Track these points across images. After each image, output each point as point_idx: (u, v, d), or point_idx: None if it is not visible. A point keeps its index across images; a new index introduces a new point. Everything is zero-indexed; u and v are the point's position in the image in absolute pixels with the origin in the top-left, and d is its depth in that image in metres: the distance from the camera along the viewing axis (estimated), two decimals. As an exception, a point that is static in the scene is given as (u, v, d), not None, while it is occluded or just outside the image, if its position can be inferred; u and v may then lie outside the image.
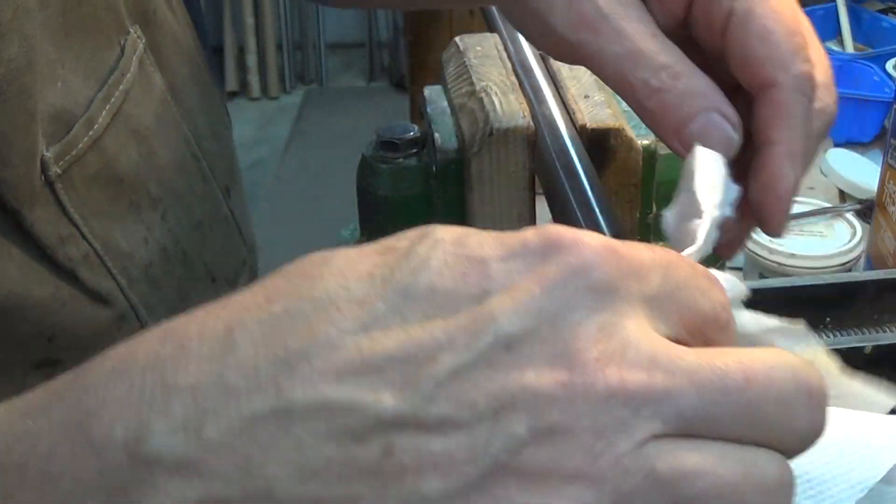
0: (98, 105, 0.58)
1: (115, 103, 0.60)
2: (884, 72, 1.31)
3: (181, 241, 0.66)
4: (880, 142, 1.28)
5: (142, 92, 0.63)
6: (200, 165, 0.69)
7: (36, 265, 0.56)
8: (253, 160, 3.60)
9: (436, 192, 0.61)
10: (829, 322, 0.77)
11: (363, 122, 3.75)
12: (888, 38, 1.46)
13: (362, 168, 0.62)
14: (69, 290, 0.58)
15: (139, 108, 0.62)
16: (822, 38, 1.49)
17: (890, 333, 0.75)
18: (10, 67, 0.51)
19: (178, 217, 0.66)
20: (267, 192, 3.42)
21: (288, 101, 4.05)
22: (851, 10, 1.53)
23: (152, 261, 0.63)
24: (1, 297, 0.55)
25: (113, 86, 0.60)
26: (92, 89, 0.58)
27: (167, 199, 0.64)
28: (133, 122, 0.61)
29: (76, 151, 0.57)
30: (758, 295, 0.74)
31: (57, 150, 0.56)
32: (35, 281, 0.56)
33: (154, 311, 0.64)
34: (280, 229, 3.24)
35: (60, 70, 0.56)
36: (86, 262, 0.59)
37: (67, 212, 0.57)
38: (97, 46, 0.59)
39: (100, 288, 0.60)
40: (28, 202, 0.55)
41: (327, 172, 3.47)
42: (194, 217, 0.68)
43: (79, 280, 0.58)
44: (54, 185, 0.56)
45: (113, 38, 0.60)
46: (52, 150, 0.55)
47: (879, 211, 0.97)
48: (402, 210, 0.62)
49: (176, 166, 0.66)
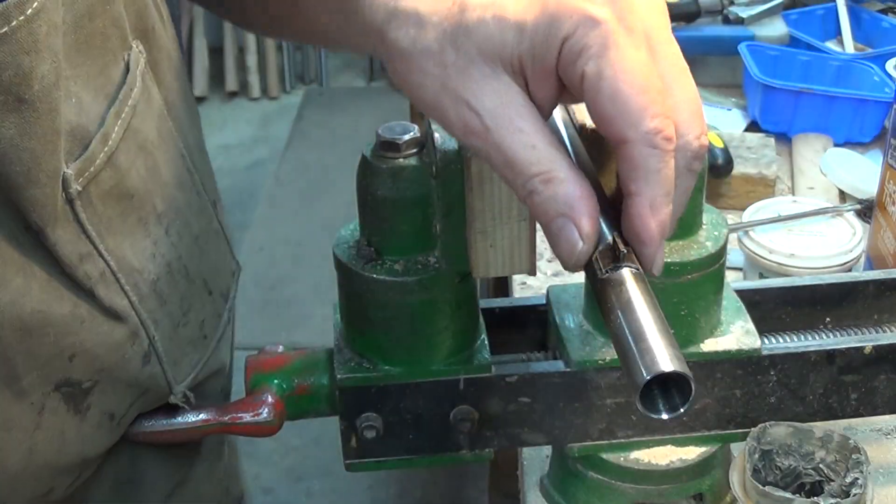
0: (111, 121, 0.59)
1: (125, 118, 0.61)
2: (884, 72, 1.30)
3: (183, 255, 0.67)
4: (880, 142, 1.28)
5: (145, 107, 0.64)
6: (194, 180, 0.70)
7: (56, 283, 0.57)
8: (253, 160, 3.60)
9: (436, 192, 0.61)
10: (829, 322, 0.77)
11: (363, 122, 3.75)
12: (888, 38, 1.46)
13: (362, 168, 0.62)
14: (87, 307, 0.59)
15: (144, 123, 0.63)
16: (822, 38, 1.49)
17: (890, 333, 0.75)
18: (43, 84, 0.52)
19: (179, 232, 0.66)
20: (267, 192, 3.42)
21: (288, 101, 4.05)
22: (851, 10, 1.53)
23: (159, 276, 0.64)
24: (25, 316, 0.55)
25: (123, 101, 0.61)
26: (101, 105, 0.59)
27: (169, 213, 0.65)
28: (140, 136, 0.62)
29: (94, 168, 0.58)
30: (758, 295, 0.75)
31: (77, 168, 0.57)
32: (56, 299, 0.57)
33: (160, 326, 0.64)
34: (280, 229, 3.24)
35: (73, 87, 0.57)
36: (102, 279, 0.59)
37: (86, 229, 0.58)
38: (105, 63, 0.60)
39: (115, 305, 0.60)
40: (52, 221, 0.55)
41: (327, 172, 3.47)
42: (193, 231, 0.69)
43: (96, 297, 0.59)
44: (74, 202, 0.57)
45: (118, 54, 0.61)
46: (72, 167, 0.56)
47: (879, 211, 0.97)
48: (402, 210, 0.62)
49: (175, 181, 0.67)
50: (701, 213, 0.68)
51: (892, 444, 0.79)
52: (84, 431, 0.61)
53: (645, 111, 0.48)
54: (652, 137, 0.48)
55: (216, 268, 0.72)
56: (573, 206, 0.49)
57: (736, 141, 1.23)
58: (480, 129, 0.49)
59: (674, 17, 1.47)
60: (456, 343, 0.66)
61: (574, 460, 0.72)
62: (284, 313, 2.86)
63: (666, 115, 0.49)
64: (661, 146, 0.49)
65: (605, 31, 0.48)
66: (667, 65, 0.50)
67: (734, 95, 1.42)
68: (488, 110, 0.49)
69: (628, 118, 0.48)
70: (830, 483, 0.68)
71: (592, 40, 0.48)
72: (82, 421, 0.61)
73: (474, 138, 0.50)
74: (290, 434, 2.41)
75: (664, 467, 0.70)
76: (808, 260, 0.97)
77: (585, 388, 0.68)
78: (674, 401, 0.48)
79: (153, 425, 0.67)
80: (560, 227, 0.49)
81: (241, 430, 0.67)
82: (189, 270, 0.68)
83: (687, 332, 0.67)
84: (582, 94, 0.49)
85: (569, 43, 0.48)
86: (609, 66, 0.47)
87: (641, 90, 0.48)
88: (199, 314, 0.69)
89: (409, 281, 0.63)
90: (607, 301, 0.49)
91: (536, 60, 0.49)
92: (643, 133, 0.48)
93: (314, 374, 0.68)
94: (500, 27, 0.49)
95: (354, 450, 0.68)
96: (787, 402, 0.70)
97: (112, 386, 0.62)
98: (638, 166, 0.49)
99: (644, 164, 0.49)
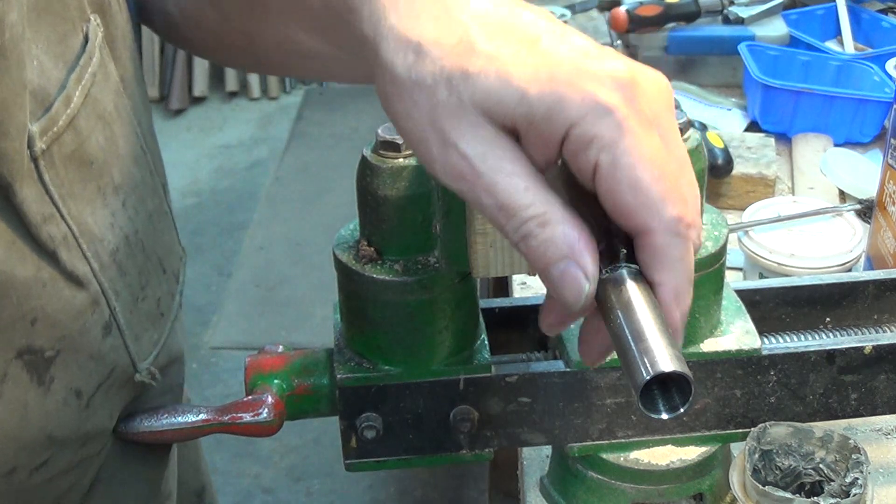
0: (72, 86, 0.59)
1: (85, 85, 0.61)
2: (884, 72, 1.30)
3: (139, 230, 0.67)
4: (880, 142, 1.28)
5: (103, 79, 0.64)
6: (147, 159, 0.71)
7: (20, 244, 0.57)
8: (253, 160, 3.60)
9: (436, 192, 0.61)
10: (828, 322, 0.77)
11: (363, 122, 3.75)
12: (888, 38, 1.46)
13: (362, 168, 0.62)
14: (49, 271, 0.59)
15: (102, 94, 0.63)
16: (822, 38, 1.49)
17: (890, 333, 0.75)
18: (12, 33, 0.52)
19: (135, 206, 0.67)
20: (267, 192, 3.42)
21: (288, 101, 4.05)
22: (851, 10, 1.53)
23: (118, 246, 0.64)
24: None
25: (83, 68, 0.61)
26: (62, 71, 0.59)
27: (125, 187, 0.66)
28: (99, 107, 0.62)
29: (56, 128, 0.58)
30: (758, 295, 0.75)
31: (41, 126, 0.57)
32: (20, 260, 0.57)
33: (120, 297, 0.65)
34: (280, 229, 3.24)
35: (35, 50, 0.57)
36: (65, 243, 0.59)
37: (49, 190, 0.58)
38: (65, 31, 0.60)
39: (76, 270, 0.60)
40: (19, 178, 0.55)
41: (327, 172, 3.47)
42: (147, 208, 0.69)
43: (59, 261, 0.59)
44: (38, 161, 0.57)
45: (77, 24, 0.61)
46: (35, 125, 0.56)
47: (879, 211, 0.97)
48: (402, 210, 0.62)
49: (131, 156, 0.67)
50: (701, 214, 0.68)
51: (892, 444, 0.79)
52: (48, 406, 0.61)
53: (665, 200, 0.47)
54: (675, 226, 0.47)
55: (168, 248, 0.73)
56: (574, 247, 0.48)
57: (736, 141, 1.23)
58: (469, 173, 0.48)
59: (674, 17, 1.47)
60: (456, 343, 0.66)
61: (574, 460, 0.72)
62: (284, 313, 2.86)
63: (685, 200, 0.48)
64: (683, 234, 0.48)
65: (618, 120, 0.46)
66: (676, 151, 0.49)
67: (734, 95, 1.42)
68: (479, 154, 0.48)
69: (650, 208, 0.47)
70: (830, 483, 0.68)
71: (604, 130, 0.46)
72: (46, 394, 0.61)
73: (462, 182, 0.49)
74: (290, 434, 2.41)
75: (664, 467, 0.70)
76: (808, 260, 0.97)
77: (585, 388, 0.68)
78: (674, 401, 0.48)
79: (153, 425, 0.68)
80: (562, 270, 0.48)
81: (241, 430, 0.67)
82: (145, 246, 0.68)
83: (687, 332, 0.67)
84: (592, 183, 0.48)
85: (577, 131, 0.47)
86: (625, 155, 0.46)
87: (660, 178, 0.47)
88: (155, 291, 0.69)
89: (409, 281, 0.63)
90: (607, 301, 0.49)
91: (532, 130, 0.48)
92: (666, 222, 0.47)
93: (314, 374, 0.68)
94: (502, 85, 0.47)
95: (354, 450, 0.68)
96: (787, 402, 0.70)
97: (75, 357, 0.62)
98: (662, 256, 0.48)
99: (668, 254, 0.48)
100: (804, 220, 1.03)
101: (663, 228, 0.47)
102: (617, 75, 0.47)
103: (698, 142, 0.65)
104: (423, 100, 0.49)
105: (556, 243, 0.48)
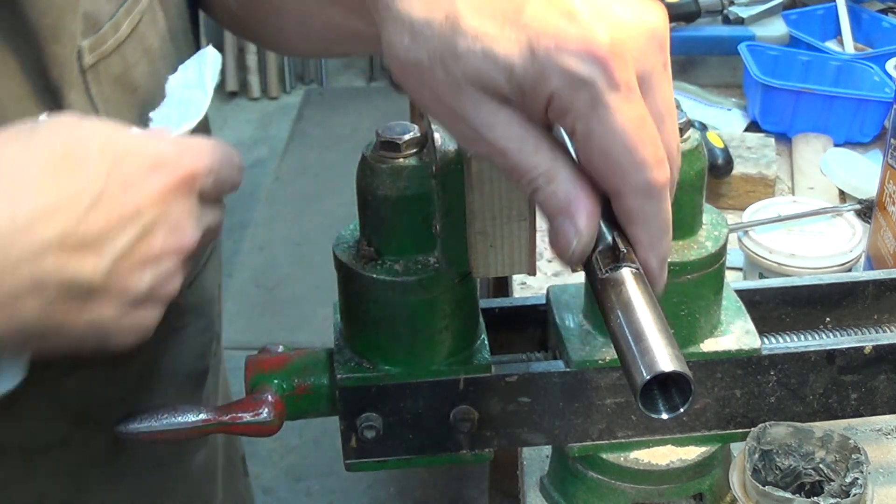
0: (121, 16, 0.64)
1: (133, 19, 0.65)
2: (884, 72, 1.30)
3: None
4: (880, 142, 1.28)
5: (150, 21, 0.68)
6: None
7: None
8: (253, 160, 3.60)
9: (436, 192, 0.61)
10: (829, 322, 0.77)
11: (363, 122, 3.75)
12: (888, 38, 1.46)
13: (362, 168, 0.62)
14: None
15: (149, 32, 0.68)
16: (822, 38, 1.49)
17: (890, 333, 0.75)
18: None
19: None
20: (267, 192, 3.42)
21: (288, 101, 4.05)
22: (851, 10, 1.53)
23: None
24: None
25: (133, 3, 0.65)
26: (113, 6, 0.64)
27: None
28: (146, 41, 0.67)
29: (104, 48, 0.62)
30: (758, 295, 0.75)
31: (90, 43, 0.61)
32: None
33: None
34: (280, 229, 3.24)
35: None
36: None
37: (95, 103, 0.62)
38: None
39: None
40: (69, 83, 0.60)
41: (327, 172, 3.47)
42: None
43: None
44: (86, 74, 0.61)
45: None
46: (86, 41, 0.61)
47: (879, 211, 0.97)
48: (402, 210, 0.62)
49: None
50: (701, 214, 0.68)
51: (892, 444, 0.79)
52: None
53: (636, 165, 0.49)
54: (646, 189, 0.50)
55: None
56: (571, 202, 0.50)
57: (736, 141, 1.23)
58: (482, 142, 0.51)
59: (674, 17, 1.47)
60: (456, 343, 0.66)
61: (574, 460, 0.72)
62: (284, 313, 2.86)
63: (659, 159, 0.50)
64: (654, 195, 0.50)
65: (592, 92, 0.48)
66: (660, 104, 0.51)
67: (734, 95, 1.42)
68: (487, 126, 0.50)
69: (621, 176, 0.50)
70: (830, 483, 0.68)
71: (579, 101, 0.48)
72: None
73: (478, 148, 0.52)
74: (290, 434, 2.41)
75: (664, 467, 0.70)
76: (808, 260, 0.97)
77: (585, 388, 0.68)
78: (674, 401, 0.48)
79: (153, 425, 0.67)
80: (560, 223, 0.51)
81: (241, 430, 0.67)
82: None
83: (687, 332, 0.68)
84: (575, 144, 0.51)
85: (555, 100, 0.49)
86: (597, 125, 0.48)
87: (632, 146, 0.49)
88: None
89: (409, 281, 0.63)
90: (607, 301, 0.49)
91: (525, 100, 0.50)
92: (636, 187, 0.50)
93: (314, 374, 0.68)
94: (490, 65, 0.49)
95: (354, 450, 0.68)
96: (787, 402, 0.70)
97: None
98: (634, 216, 0.51)
99: (639, 212, 0.51)
100: (804, 220, 1.03)
101: (634, 192, 0.50)
102: (594, 47, 0.48)
103: (698, 142, 0.65)
104: (425, 80, 0.51)
105: (557, 197, 0.51)
